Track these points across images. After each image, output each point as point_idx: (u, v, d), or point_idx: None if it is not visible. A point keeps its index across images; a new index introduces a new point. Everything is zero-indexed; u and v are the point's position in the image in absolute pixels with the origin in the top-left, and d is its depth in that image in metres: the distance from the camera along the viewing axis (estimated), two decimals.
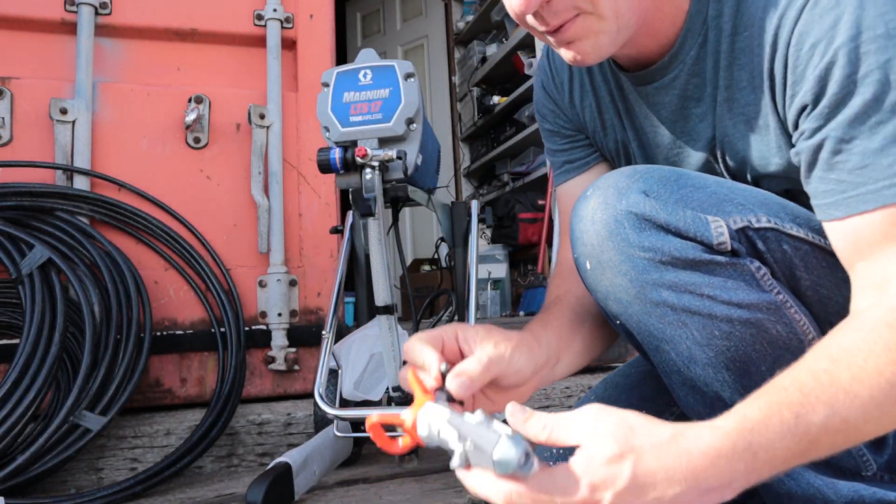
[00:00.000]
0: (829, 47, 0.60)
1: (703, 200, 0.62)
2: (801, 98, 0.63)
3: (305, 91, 1.85)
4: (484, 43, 3.93)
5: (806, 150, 0.63)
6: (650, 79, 0.78)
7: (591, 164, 0.92)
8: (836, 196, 0.61)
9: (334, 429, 1.29)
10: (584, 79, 0.89)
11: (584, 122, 0.91)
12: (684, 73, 0.75)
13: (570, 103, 0.91)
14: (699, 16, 0.72)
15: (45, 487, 1.31)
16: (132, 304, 1.46)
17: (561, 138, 0.93)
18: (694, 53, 0.73)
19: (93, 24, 1.69)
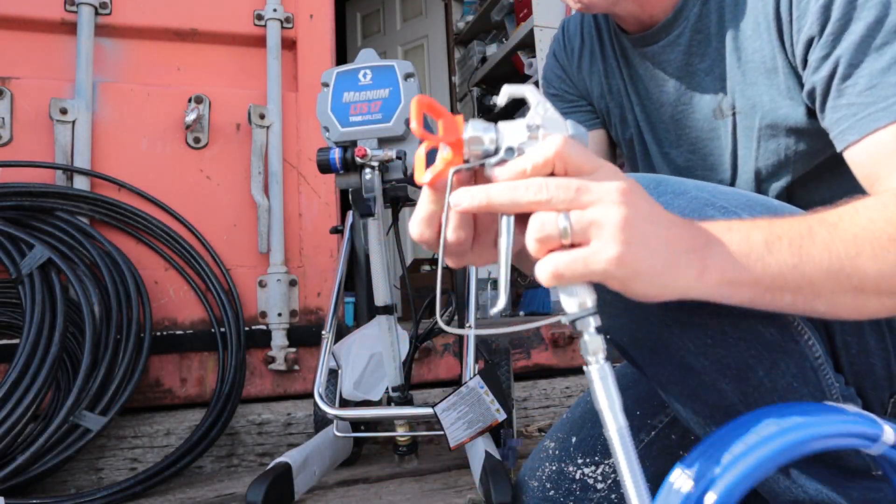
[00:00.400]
0: None
1: (684, 207, 0.62)
2: (808, 31, 0.65)
3: (305, 91, 1.85)
4: (484, 43, 3.93)
5: (818, 83, 0.64)
6: (655, 38, 0.79)
7: (590, 129, 0.94)
8: (849, 121, 0.62)
9: (334, 429, 1.29)
10: (594, 46, 0.91)
11: (589, 88, 0.93)
12: (688, 30, 0.76)
13: (579, 69, 0.94)
14: None
15: (45, 487, 1.31)
16: (132, 304, 1.45)
17: (563, 102, 0.96)
18: (697, 10, 0.75)
19: (93, 24, 1.69)
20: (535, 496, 0.95)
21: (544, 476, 0.95)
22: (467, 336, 1.24)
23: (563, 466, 0.94)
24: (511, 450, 1.23)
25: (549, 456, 0.96)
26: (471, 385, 1.11)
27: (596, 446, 0.93)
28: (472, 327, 1.23)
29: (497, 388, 1.13)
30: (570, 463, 0.93)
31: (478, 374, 1.13)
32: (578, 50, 0.94)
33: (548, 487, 0.94)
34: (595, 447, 0.93)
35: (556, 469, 0.94)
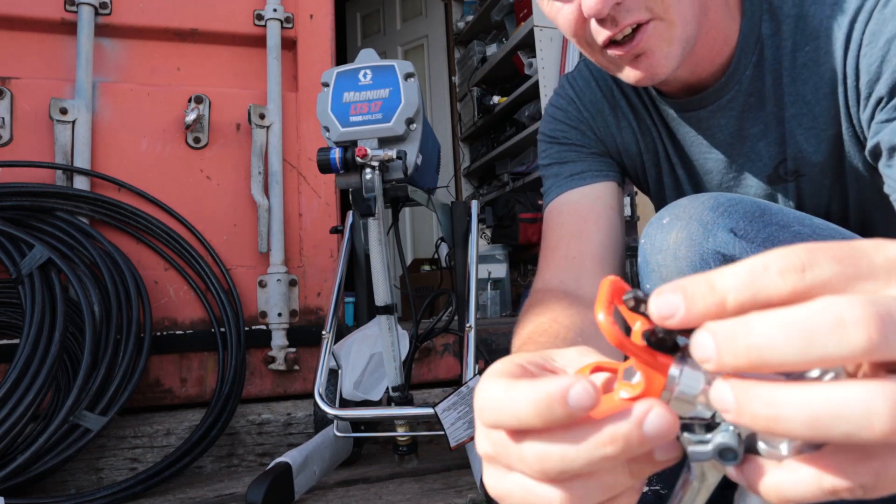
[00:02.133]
0: None
1: (788, 241, 0.60)
2: (878, 92, 0.62)
3: (305, 91, 1.85)
4: (484, 43, 3.93)
5: (887, 136, 0.61)
6: (703, 103, 0.75)
7: (608, 179, 0.87)
8: None
9: (334, 429, 1.29)
10: (618, 102, 0.86)
11: (619, 143, 0.88)
12: (742, 94, 0.73)
13: (605, 123, 0.88)
14: (752, 35, 0.71)
15: (45, 487, 1.31)
16: (132, 304, 1.46)
17: (578, 152, 0.88)
18: (750, 73, 0.72)
19: (93, 24, 1.69)
20: None
21: None
22: (467, 336, 1.24)
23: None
24: None
25: None
26: (471, 385, 1.11)
27: None
28: (472, 327, 1.23)
29: None
30: None
31: (478, 374, 1.13)
32: (599, 103, 0.87)
33: None
34: None
35: None
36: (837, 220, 0.75)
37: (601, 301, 0.28)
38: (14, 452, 1.20)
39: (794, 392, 0.23)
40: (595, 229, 0.81)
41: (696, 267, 0.60)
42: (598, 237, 0.81)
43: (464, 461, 1.32)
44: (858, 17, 0.63)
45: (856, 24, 0.63)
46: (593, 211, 0.83)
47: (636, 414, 0.27)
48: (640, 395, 0.28)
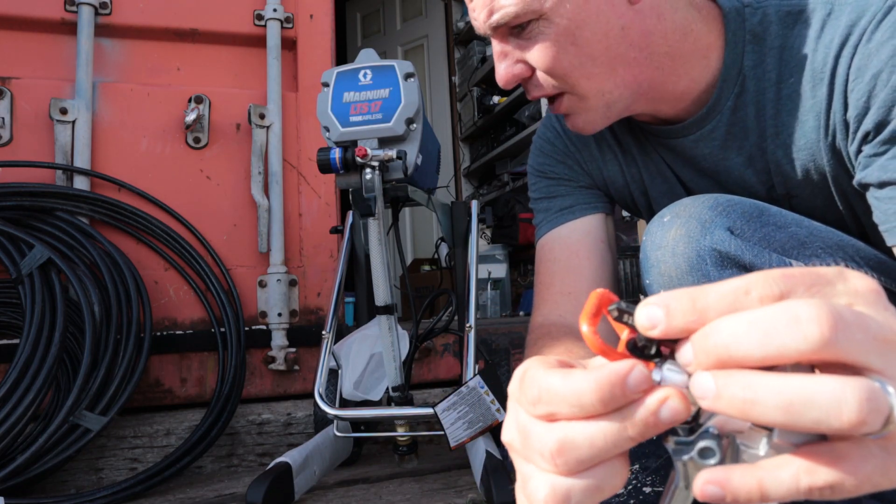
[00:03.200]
0: (893, 75, 0.59)
1: (784, 242, 0.61)
2: (865, 127, 0.63)
3: (305, 91, 1.85)
4: (484, 43, 3.93)
5: (875, 172, 0.62)
6: (685, 132, 0.76)
7: (597, 211, 0.89)
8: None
9: (334, 429, 1.29)
10: (603, 133, 0.87)
11: (606, 176, 0.89)
12: (723, 124, 0.74)
13: (590, 156, 0.89)
14: (734, 66, 0.71)
15: (45, 487, 1.31)
16: (132, 304, 1.46)
17: (566, 186, 0.90)
18: (731, 104, 0.72)
19: (93, 24, 1.69)
20: None
21: None
22: (467, 336, 1.24)
23: None
24: None
25: None
26: (471, 385, 1.11)
27: None
28: (472, 327, 1.23)
29: (497, 387, 1.13)
30: None
31: (478, 373, 1.13)
32: (584, 137, 0.89)
33: None
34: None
35: None
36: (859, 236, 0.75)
37: (586, 313, 0.30)
38: (14, 452, 1.20)
39: (771, 378, 0.25)
40: (587, 263, 0.84)
41: (692, 263, 0.61)
42: (591, 271, 0.84)
43: (464, 461, 1.32)
44: (843, 51, 0.63)
45: (840, 59, 0.64)
46: (584, 245, 0.86)
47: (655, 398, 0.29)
48: None
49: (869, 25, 0.62)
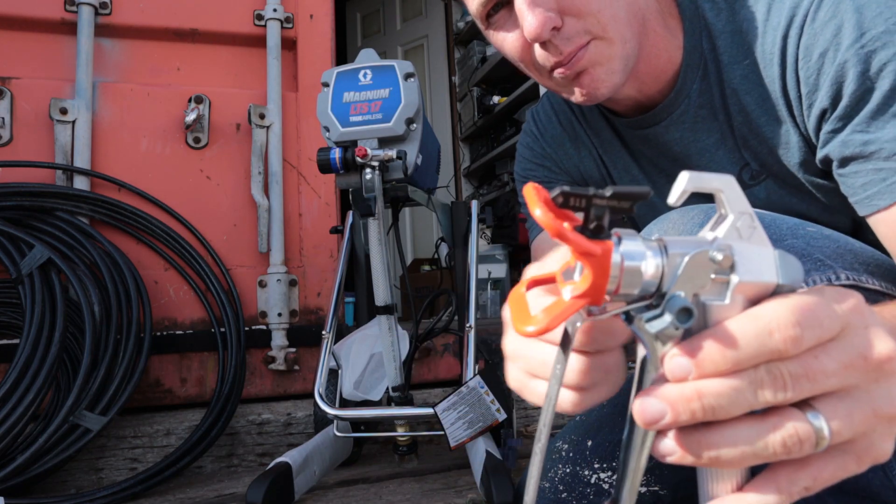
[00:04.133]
0: (838, 53, 0.62)
1: None
2: (819, 104, 0.65)
3: (305, 91, 1.85)
4: (484, 43, 3.93)
5: (835, 148, 0.64)
6: (655, 119, 0.78)
7: None
8: (877, 186, 0.62)
9: (334, 429, 1.29)
10: (577, 131, 0.89)
11: (584, 172, 0.91)
12: (692, 107, 0.75)
13: (567, 155, 0.92)
14: (695, 51, 0.74)
15: (45, 487, 1.31)
16: (132, 304, 1.45)
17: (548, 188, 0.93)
18: (697, 86, 0.75)
19: (93, 24, 1.69)
20: (546, 497, 0.94)
21: (557, 478, 0.94)
22: (467, 336, 1.24)
23: (578, 470, 0.93)
24: (511, 450, 1.23)
25: (563, 458, 0.95)
26: (471, 385, 1.11)
27: (614, 452, 0.92)
28: (472, 327, 1.23)
29: (497, 387, 1.13)
30: (585, 466, 0.93)
31: (478, 373, 1.13)
32: (560, 137, 0.91)
33: (560, 489, 0.93)
34: (613, 453, 0.93)
35: (570, 472, 0.94)
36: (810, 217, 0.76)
37: (533, 200, 0.29)
38: (14, 452, 1.20)
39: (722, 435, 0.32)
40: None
41: None
42: None
43: (464, 461, 1.32)
44: (790, 32, 0.66)
45: (788, 40, 0.66)
46: None
47: None
48: (589, 287, 0.29)
49: (812, 5, 0.64)
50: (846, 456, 0.33)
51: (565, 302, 0.30)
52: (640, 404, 0.32)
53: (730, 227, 0.31)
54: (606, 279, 0.29)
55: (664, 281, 0.30)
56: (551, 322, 0.30)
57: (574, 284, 0.30)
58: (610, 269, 0.29)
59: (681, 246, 0.30)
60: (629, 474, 0.34)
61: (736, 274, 0.30)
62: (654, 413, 0.31)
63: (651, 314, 0.31)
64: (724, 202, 0.31)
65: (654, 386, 0.32)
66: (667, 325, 0.30)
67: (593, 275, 0.29)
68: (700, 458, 0.32)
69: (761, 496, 0.33)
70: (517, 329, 0.31)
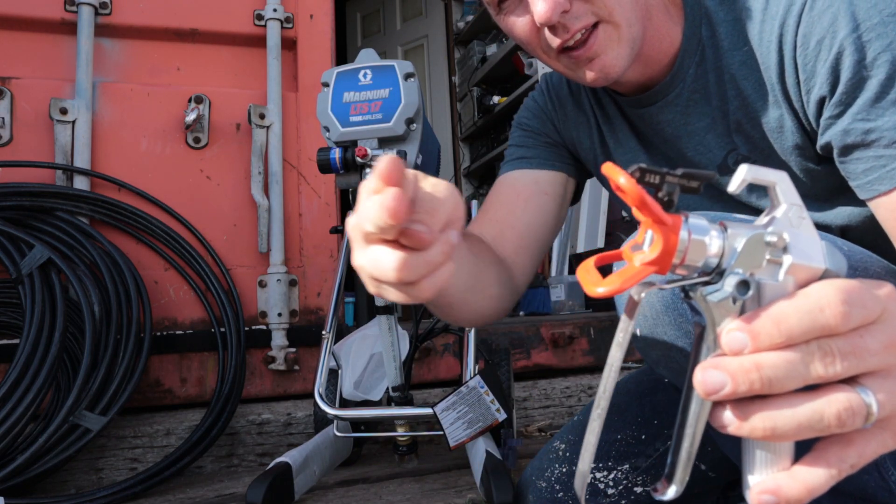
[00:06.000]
0: (834, 41, 0.65)
1: None
2: (818, 91, 0.67)
3: (305, 91, 1.85)
4: (484, 43, 3.93)
5: (837, 136, 0.67)
6: (651, 100, 0.81)
7: (559, 170, 0.94)
8: (878, 172, 0.64)
9: (334, 429, 1.29)
10: (582, 98, 0.92)
11: (576, 139, 0.94)
12: (686, 91, 0.78)
13: (566, 118, 0.94)
14: (694, 37, 0.77)
15: (45, 487, 1.31)
16: (132, 304, 1.45)
17: (536, 140, 0.95)
18: (693, 71, 0.78)
19: (93, 24, 1.69)
20: (543, 497, 0.94)
21: (553, 478, 0.94)
22: (467, 336, 1.24)
23: (575, 469, 0.93)
24: (511, 450, 1.23)
25: (560, 458, 0.96)
26: (471, 385, 1.11)
27: (610, 451, 0.93)
28: (472, 328, 1.23)
29: (497, 387, 1.13)
30: None
31: (478, 373, 1.13)
32: (564, 99, 0.94)
33: (557, 489, 0.93)
34: (609, 452, 0.93)
35: (566, 471, 0.94)
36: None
37: (617, 171, 0.32)
38: (14, 452, 1.20)
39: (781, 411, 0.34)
40: (523, 207, 0.90)
41: (667, 303, 0.60)
42: (525, 216, 0.90)
43: (464, 461, 1.32)
44: (788, 20, 0.69)
45: (786, 27, 0.69)
46: (528, 191, 0.91)
47: None
48: (659, 254, 0.32)
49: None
50: (885, 433, 0.36)
51: (635, 268, 0.33)
52: (702, 375, 0.34)
53: (783, 216, 0.34)
54: (675, 249, 0.32)
55: (723, 259, 0.33)
56: (623, 284, 0.33)
57: (644, 254, 0.33)
58: (678, 242, 0.32)
59: (740, 228, 0.33)
60: (685, 446, 0.36)
61: (790, 255, 0.33)
62: (714, 383, 0.33)
63: (711, 288, 0.34)
64: (778, 193, 0.34)
65: (714, 358, 0.34)
66: (726, 296, 0.33)
67: (664, 244, 0.32)
68: (756, 429, 0.34)
69: (814, 471, 0.35)
70: (590, 291, 0.34)
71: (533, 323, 1.99)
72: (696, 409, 0.35)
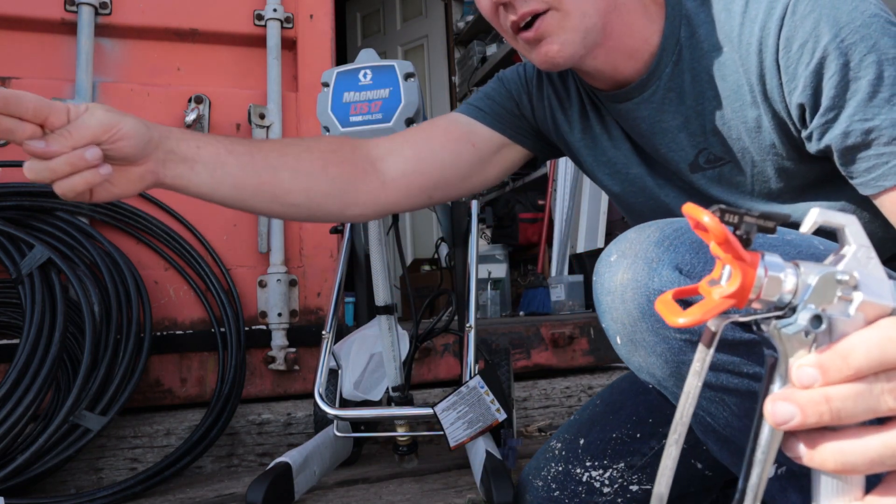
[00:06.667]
0: (818, 45, 0.66)
1: None
2: (798, 95, 0.68)
3: (305, 91, 1.85)
4: (484, 43, 3.93)
5: (837, 139, 0.67)
6: (627, 97, 0.82)
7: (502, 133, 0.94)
8: (881, 169, 0.66)
9: (334, 429, 1.29)
10: (568, 83, 0.93)
11: (545, 117, 0.94)
12: (661, 89, 0.79)
13: (540, 99, 0.95)
14: (672, 37, 0.78)
15: (45, 487, 1.31)
16: (132, 304, 1.45)
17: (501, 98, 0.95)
18: (669, 70, 0.79)
19: (93, 24, 1.69)
20: (540, 496, 0.95)
21: (549, 476, 0.95)
22: (467, 336, 1.24)
23: (571, 468, 0.94)
24: (511, 450, 1.23)
25: (556, 457, 0.96)
26: (471, 385, 1.11)
27: (605, 450, 0.93)
28: (472, 327, 1.23)
29: (497, 387, 1.13)
30: (577, 465, 0.93)
31: (478, 373, 1.13)
32: (556, 82, 0.94)
33: (553, 488, 0.94)
34: (605, 451, 0.93)
35: (562, 470, 0.94)
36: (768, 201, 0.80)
37: (701, 210, 0.34)
38: (14, 452, 1.20)
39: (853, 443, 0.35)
40: (445, 145, 0.90)
41: (643, 309, 0.60)
42: (442, 152, 0.89)
43: (464, 461, 1.32)
44: (768, 23, 0.69)
45: (766, 30, 0.70)
46: (456, 132, 0.92)
47: None
48: (738, 289, 0.34)
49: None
50: None
51: (714, 301, 0.35)
52: (772, 406, 0.35)
53: (852, 256, 0.36)
54: (752, 285, 0.34)
55: (797, 295, 0.35)
56: (704, 315, 0.35)
57: (722, 288, 0.35)
58: (756, 278, 0.34)
59: (812, 266, 0.36)
60: (755, 472, 0.37)
61: (860, 292, 0.35)
62: (784, 414, 0.35)
63: (785, 322, 0.36)
64: (848, 235, 0.36)
65: (785, 390, 0.36)
66: (800, 329, 0.35)
67: (742, 279, 0.34)
68: (826, 461, 0.35)
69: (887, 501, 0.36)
70: (672, 322, 0.36)
71: (533, 323, 1.99)
72: (768, 437, 0.37)
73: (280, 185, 0.79)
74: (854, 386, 0.34)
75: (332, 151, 0.84)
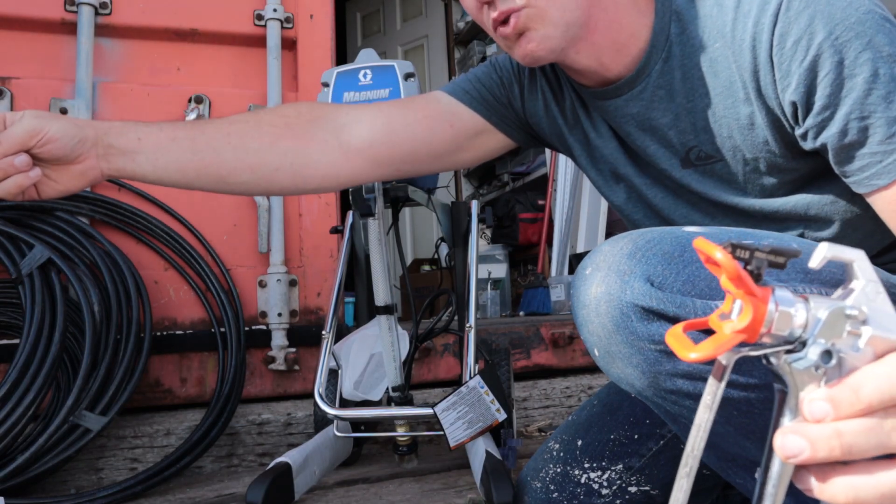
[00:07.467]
0: (812, 43, 0.65)
1: (710, 279, 0.59)
2: (791, 92, 0.68)
3: (305, 91, 1.85)
4: (484, 43, 3.93)
5: (833, 138, 0.67)
6: (616, 93, 0.81)
7: (485, 117, 0.93)
8: (875, 167, 0.66)
9: (334, 429, 1.29)
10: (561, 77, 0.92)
11: (533, 109, 0.93)
12: (650, 87, 0.79)
13: (531, 92, 0.94)
14: (662, 33, 0.77)
15: (45, 487, 1.31)
16: (132, 304, 1.46)
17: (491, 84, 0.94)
18: (658, 67, 0.78)
19: (93, 24, 1.69)
20: (538, 497, 0.94)
21: (548, 478, 0.95)
22: (467, 336, 1.24)
23: (569, 469, 0.94)
24: (511, 450, 1.23)
25: (554, 458, 0.96)
26: (471, 385, 1.11)
27: (603, 451, 0.93)
28: (472, 327, 1.23)
29: (497, 387, 1.13)
30: (575, 466, 0.93)
31: (478, 373, 1.13)
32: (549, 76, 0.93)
33: (552, 489, 0.93)
34: (602, 452, 0.93)
35: (560, 471, 0.94)
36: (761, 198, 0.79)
37: (713, 246, 0.35)
38: (14, 452, 1.20)
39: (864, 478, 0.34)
40: (417, 118, 0.89)
41: (617, 322, 0.60)
42: (418, 129, 0.88)
43: (464, 461, 1.32)
44: (761, 19, 0.68)
45: (760, 26, 0.69)
46: (436, 111, 0.91)
47: None
48: (749, 324, 0.34)
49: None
50: None
51: (726, 335, 0.35)
52: (781, 440, 0.35)
53: (860, 291, 0.36)
54: (763, 319, 0.35)
55: (807, 329, 0.35)
56: (716, 350, 0.35)
57: (733, 322, 0.35)
58: (766, 312, 0.35)
59: (821, 301, 0.36)
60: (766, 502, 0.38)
61: (869, 326, 0.36)
62: (794, 448, 0.35)
63: (795, 356, 0.36)
64: (856, 270, 0.37)
65: (796, 424, 0.36)
66: (810, 364, 0.35)
67: (754, 313, 0.34)
68: (837, 495, 0.35)
69: None
70: (684, 356, 0.36)
71: (533, 323, 1.99)
72: (779, 470, 0.37)
73: (223, 165, 0.80)
74: (865, 421, 0.34)
75: (287, 125, 0.84)
